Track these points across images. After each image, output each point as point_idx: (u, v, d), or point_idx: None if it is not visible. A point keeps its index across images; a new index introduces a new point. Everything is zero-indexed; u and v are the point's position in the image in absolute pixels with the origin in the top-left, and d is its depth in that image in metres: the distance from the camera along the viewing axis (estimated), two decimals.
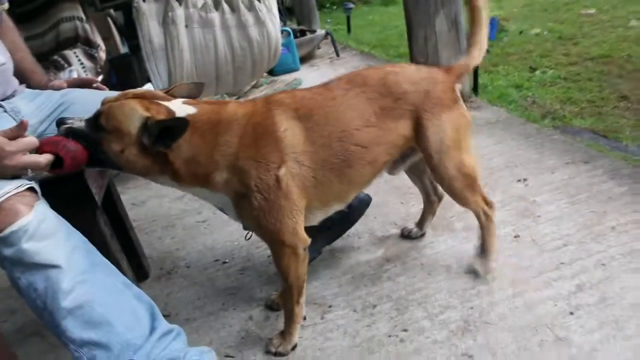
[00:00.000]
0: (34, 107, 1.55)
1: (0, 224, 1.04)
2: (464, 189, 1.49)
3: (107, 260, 1.24)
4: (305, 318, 1.53)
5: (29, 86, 1.65)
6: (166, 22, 2.58)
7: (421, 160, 1.55)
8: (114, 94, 1.64)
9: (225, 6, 2.66)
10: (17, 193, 1.08)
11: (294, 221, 1.31)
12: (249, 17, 2.67)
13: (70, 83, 1.71)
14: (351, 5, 6.26)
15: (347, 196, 1.47)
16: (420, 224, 1.85)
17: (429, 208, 1.82)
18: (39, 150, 1.14)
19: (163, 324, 1.25)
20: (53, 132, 1.37)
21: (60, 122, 1.20)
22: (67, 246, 1.12)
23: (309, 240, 1.36)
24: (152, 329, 1.21)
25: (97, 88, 1.71)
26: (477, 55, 1.51)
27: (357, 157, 1.35)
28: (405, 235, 1.87)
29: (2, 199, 1.05)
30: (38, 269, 1.07)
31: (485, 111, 2.92)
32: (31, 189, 1.14)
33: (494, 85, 3.50)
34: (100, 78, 1.71)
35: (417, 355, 1.35)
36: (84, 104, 1.56)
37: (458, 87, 1.48)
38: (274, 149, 1.25)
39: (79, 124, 1.19)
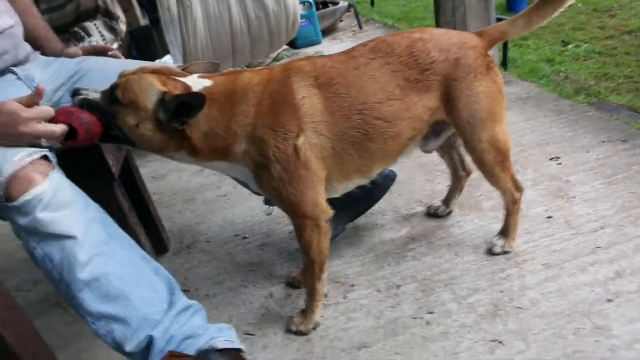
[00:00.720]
0: (49, 75, 1.51)
1: (15, 193, 1.01)
2: (495, 165, 1.42)
3: (125, 234, 1.21)
4: (327, 296, 1.50)
5: (43, 54, 1.61)
6: None
7: (452, 134, 1.48)
8: (130, 62, 1.61)
9: None
10: (32, 161, 1.05)
11: (315, 192, 1.27)
12: None
13: (85, 50, 1.67)
14: None
15: (370, 171, 1.41)
16: (447, 201, 1.78)
17: (457, 184, 1.75)
18: (52, 120, 1.12)
19: (182, 300, 1.21)
20: (68, 102, 1.34)
21: (75, 92, 1.18)
22: (84, 217, 1.09)
23: (331, 212, 1.33)
24: (171, 304, 1.18)
25: (112, 56, 1.67)
26: (522, 27, 1.39)
27: (379, 132, 1.29)
28: (432, 213, 1.80)
29: (17, 167, 1.02)
30: (54, 239, 1.04)
31: (516, 86, 2.80)
32: (46, 158, 1.11)
33: (524, 60, 3.35)
34: (116, 46, 1.64)
35: (444, 339, 1.30)
36: (100, 73, 1.52)
37: (491, 52, 1.40)
38: (292, 117, 1.21)
39: (95, 96, 1.17)
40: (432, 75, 1.31)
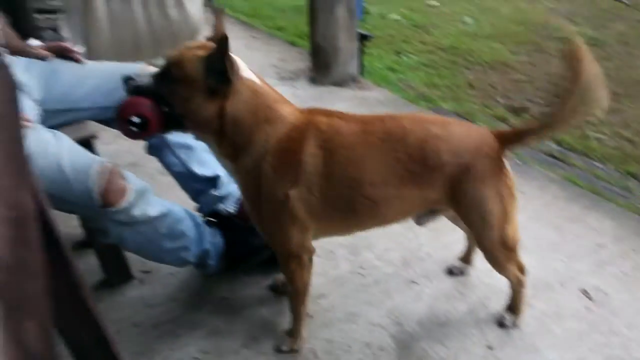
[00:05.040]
0: (31, 78, 1.56)
1: (112, 201, 1.34)
2: (503, 259, 1.46)
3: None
4: (311, 316, 1.68)
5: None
6: None
7: None
8: (105, 64, 1.74)
9: None
10: (109, 170, 1.30)
11: (299, 235, 1.37)
12: None
13: (51, 49, 1.68)
14: None
15: (350, 233, 1.56)
16: (466, 258, 1.85)
17: (473, 241, 1.75)
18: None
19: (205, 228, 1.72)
20: (53, 103, 1.54)
21: (126, 79, 1.24)
22: (154, 199, 1.43)
23: (314, 250, 1.45)
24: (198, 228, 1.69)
25: (74, 59, 1.69)
26: (549, 129, 1.33)
27: (364, 209, 1.35)
28: (455, 273, 1.87)
29: (103, 179, 1.28)
30: (143, 223, 1.41)
31: (374, 91, 3.48)
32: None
33: (373, 67, 4.06)
34: (80, 49, 1.75)
35: (376, 284, 1.84)
36: (74, 75, 1.64)
37: (507, 154, 1.39)
38: (294, 169, 1.29)
39: (146, 80, 1.24)
40: (437, 174, 1.31)
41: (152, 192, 1.50)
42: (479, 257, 1.68)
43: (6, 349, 0.26)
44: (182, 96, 1.21)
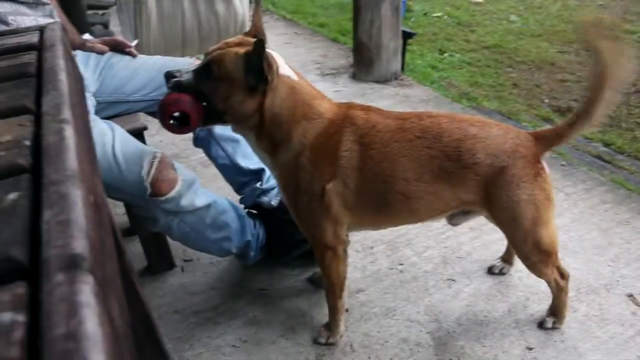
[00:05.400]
0: (90, 72, 1.65)
1: (162, 191, 1.39)
2: (539, 263, 1.44)
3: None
4: (347, 310, 1.68)
5: None
6: None
7: None
8: (153, 59, 1.80)
9: None
10: (159, 161, 1.35)
11: (334, 227, 1.40)
12: None
13: (107, 43, 1.75)
14: None
15: (382, 227, 1.58)
16: (507, 258, 1.84)
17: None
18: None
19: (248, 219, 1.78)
20: (108, 94, 1.61)
21: (168, 76, 1.27)
22: (201, 191, 1.49)
23: (348, 242, 1.49)
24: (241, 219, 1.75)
25: (129, 53, 1.76)
26: (581, 126, 1.31)
27: (397, 204, 1.37)
28: (496, 273, 1.85)
29: (154, 170, 1.34)
30: (190, 213, 1.46)
31: (417, 89, 3.46)
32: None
33: (415, 65, 4.04)
34: (134, 43, 1.82)
35: (414, 281, 1.84)
36: (126, 70, 1.71)
37: (545, 156, 1.37)
38: (331, 163, 1.32)
39: (187, 76, 1.26)
40: (471, 174, 1.31)
41: (199, 183, 1.55)
42: None
43: (103, 323, 0.29)
44: (221, 92, 1.24)
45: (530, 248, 1.39)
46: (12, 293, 0.31)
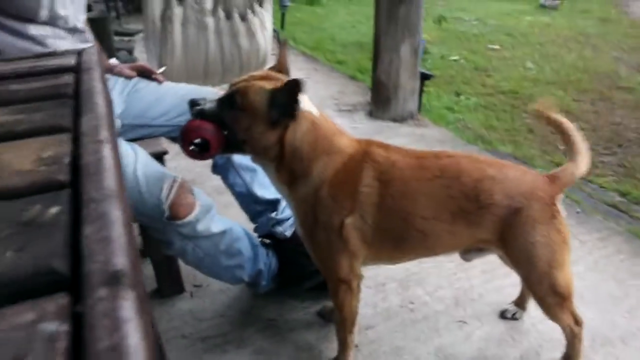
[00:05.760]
0: (116, 95, 1.70)
1: (180, 215, 1.40)
2: (555, 306, 1.42)
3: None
4: (357, 346, 1.66)
5: None
6: (164, 17, 2.74)
7: None
8: (180, 87, 1.84)
9: (222, 13, 2.88)
10: (179, 186, 1.37)
11: (350, 261, 1.41)
12: (241, 28, 2.92)
13: (135, 69, 1.77)
14: (288, 3, 6.56)
15: (397, 262, 1.58)
16: (521, 302, 1.81)
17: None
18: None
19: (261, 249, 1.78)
20: (132, 117, 1.65)
21: (192, 103, 1.29)
22: (217, 217, 1.49)
23: (363, 276, 1.48)
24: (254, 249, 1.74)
25: (155, 79, 1.78)
26: (583, 163, 1.40)
27: (414, 240, 1.38)
28: (509, 317, 1.82)
29: (174, 194, 1.36)
30: (205, 238, 1.46)
31: (433, 130, 3.49)
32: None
33: (431, 105, 4.09)
34: (162, 70, 1.87)
35: (425, 320, 1.81)
36: (152, 95, 1.75)
37: (560, 198, 1.39)
38: (351, 198, 1.33)
39: (210, 105, 1.28)
40: (488, 215, 1.32)
41: (216, 210, 1.56)
42: (533, 303, 1.63)
43: (144, 338, 0.29)
44: (243, 123, 1.26)
45: (545, 290, 1.39)
46: (55, 304, 0.31)
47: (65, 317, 0.30)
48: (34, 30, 1.40)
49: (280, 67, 1.40)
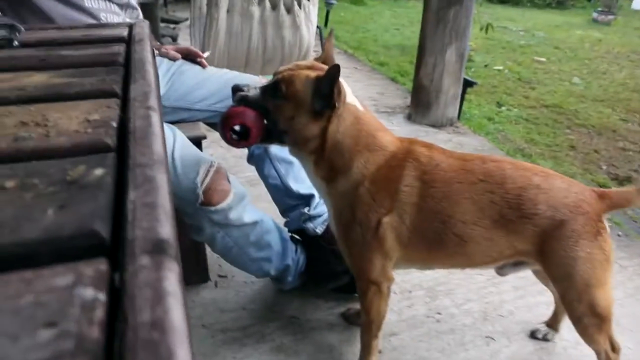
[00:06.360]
0: (161, 76, 1.71)
1: (213, 201, 1.38)
2: (592, 327, 1.35)
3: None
4: (380, 351, 1.61)
5: None
6: (210, 4, 2.74)
7: None
8: (223, 72, 1.83)
9: (267, 3, 2.87)
10: (215, 171, 1.35)
11: (383, 262, 1.37)
12: (286, 19, 2.91)
13: (180, 51, 1.79)
14: (334, 1, 6.52)
15: (430, 267, 1.54)
16: (554, 322, 1.73)
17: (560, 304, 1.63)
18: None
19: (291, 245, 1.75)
20: (174, 99, 1.65)
21: (235, 89, 1.27)
22: (250, 206, 1.48)
23: (394, 279, 1.44)
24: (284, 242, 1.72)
25: (199, 63, 1.80)
26: None
27: (451, 244, 1.33)
28: (541, 338, 1.74)
29: (209, 179, 1.34)
30: (236, 227, 1.42)
31: (471, 138, 3.40)
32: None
33: (471, 114, 4.00)
34: (206, 54, 1.86)
35: (451, 333, 1.76)
36: (195, 78, 1.73)
37: (606, 216, 1.32)
38: (390, 197, 1.29)
39: (254, 92, 1.25)
40: (530, 225, 1.27)
41: (249, 200, 1.54)
42: (566, 326, 1.56)
43: (186, 314, 0.26)
44: (286, 112, 1.23)
45: (583, 309, 1.32)
46: (94, 269, 0.29)
47: (104, 284, 0.27)
48: (88, 3, 1.41)
49: (326, 58, 1.37)
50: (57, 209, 0.33)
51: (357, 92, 1.34)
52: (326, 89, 1.19)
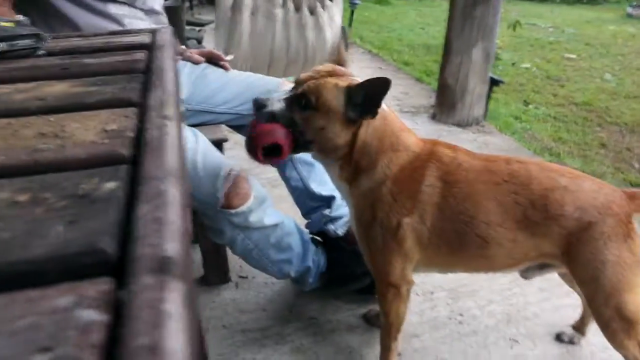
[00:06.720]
0: (183, 79, 1.69)
1: (234, 204, 1.39)
2: (621, 332, 1.30)
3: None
4: (400, 354, 1.61)
5: None
6: (234, 6, 2.76)
7: None
8: (245, 75, 1.83)
9: (291, 5, 2.87)
10: (235, 176, 1.36)
11: (403, 264, 1.35)
12: (309, 21, 2.90)
13: (203, 55, 1.79)
14: (358, 1, 6.49)
15: (450, 271, 1.50)
16: (581, 326, 1.70)
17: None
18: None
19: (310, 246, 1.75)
20: (197, 102, 1.66)
21: (258, 104, 1.22)
22: (270, 209, 1.49)
23: (414, 282, 1.42)
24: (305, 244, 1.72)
25: (222, 67, 1.80)
26: None
27: (473, 246, 1.30)
28: (566, 341, 1.71)
29: (229, 183, 1.36)
30: (256, 230, 1.43)
31: (497, 138, 3.35)
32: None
33: (498, 113, 3.93)
34: (229, 57, 1.88)
35: (474, 335, 1.73)
36: (218, 81, 1.73)
37: (637, 218, 1.27)
38: (412, 197, 1.27)
39: (279, 105, 1.21)
40: (556, 227, 1.24)
41: (270, 202, 1.55)
42: (594, 329, 1.52)
43: (189, 338, 0.26)
44: (317, 124, 1.21)
45: (611, 313, 1.28)
46: (96, 289, 0.29)
47: (105, 305, 0.28)
48: (113, 9, 1.43)
49: (339, 59, 1.37)
50: (67, 224, 0.34)
51: None
52: (364, 99, 1.16)
